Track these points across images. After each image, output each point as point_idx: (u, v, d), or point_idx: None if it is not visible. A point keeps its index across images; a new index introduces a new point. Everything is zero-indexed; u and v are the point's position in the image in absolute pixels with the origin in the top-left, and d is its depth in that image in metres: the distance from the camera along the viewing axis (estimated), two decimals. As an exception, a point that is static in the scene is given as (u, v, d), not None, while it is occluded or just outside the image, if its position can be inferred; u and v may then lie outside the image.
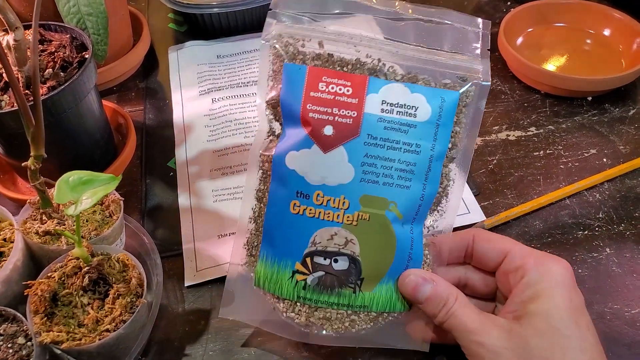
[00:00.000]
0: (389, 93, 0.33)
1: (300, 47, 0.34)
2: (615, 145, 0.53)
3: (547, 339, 0.30)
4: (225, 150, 0.53)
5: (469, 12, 0.71)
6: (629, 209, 0.47)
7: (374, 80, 0.33)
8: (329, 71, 0.33)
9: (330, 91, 0.33)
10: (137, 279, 0.37)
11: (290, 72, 0.34)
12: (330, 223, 0.34)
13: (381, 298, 0.35)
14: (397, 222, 0.34)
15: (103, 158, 0.51)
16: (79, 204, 0.32)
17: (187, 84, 0.61)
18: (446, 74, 0.35)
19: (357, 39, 0.35)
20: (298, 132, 0.34)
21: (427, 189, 0.35)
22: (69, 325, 0.35)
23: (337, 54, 0.34)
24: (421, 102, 0.33)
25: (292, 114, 0.34)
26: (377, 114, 0.33)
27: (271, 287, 0.35)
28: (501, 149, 0.53)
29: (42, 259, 0.39)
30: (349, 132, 0.33)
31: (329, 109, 0.33)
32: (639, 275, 0.42)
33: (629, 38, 0.60)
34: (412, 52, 0.35)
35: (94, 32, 0.49)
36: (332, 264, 0.34)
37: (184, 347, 0.40)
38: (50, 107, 0.42)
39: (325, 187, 0.33)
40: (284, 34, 0.35)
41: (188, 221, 0.47)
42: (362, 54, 0.34)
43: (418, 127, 0.33)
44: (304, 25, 0.35)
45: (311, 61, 0.34)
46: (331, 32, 0.35)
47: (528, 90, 0.59)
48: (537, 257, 0.33)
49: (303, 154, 0.34)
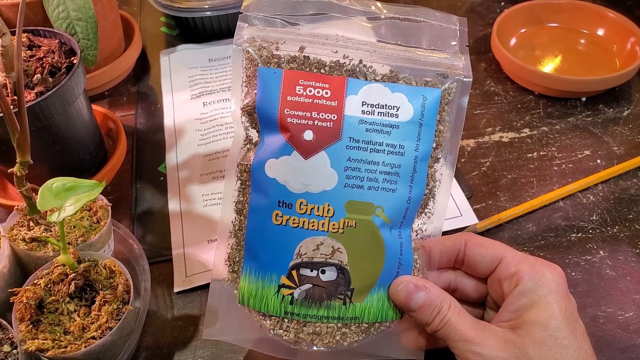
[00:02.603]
0: (369, 94, 0.32)
1: (275, 50, 0.33)
2: (609, 147, 0.52)
3: (546, 350, 0.30)
4: (216, 154, 0.53)
5: (462, 13, 0.70)
6: (622, 211, 0.47)
7: (353, 82, 0.32)
8: (306, 74, 0.32)
9: (308, 94, 0.32)
10: (124, 286, 0.36)
11: (265, 76, 0.32)
12: (315, 232, 0.32)
13: (372, 308, 0.33)
14: (384, 227, 0.33)
15: (93, 163, 0.50)
16: (62, 211, 0.32)
17: (179, 87, 0.61)
18: (426, 71, 0.34)
19: (333, 39, 0.34)
20: (276, 138, 0.32)
21: (414, 191, 0.33)
22: (54, 333, 0.34)
23: (313, 55, 0.33)
24: (403, 102, 0.32)
25: (270, 120, 0.32)
26: (358, 116, 0.32)
27: (256, 304, 0.33)
28: (494, 151, 0.52)
29: (29, 265, 0.39)
30: (329, 136, 0.32)
31: (308, 113, 0.32)
32: (632, 278, 0.42)
33: (623, 37, 0.60)
34: (390, 51, 0.34)
35: (84, 37, 0.49)
36: (319, 276, 0.33)
37: (173, 353, 0.39)
38: (38, 113, 0.42)
39: (308, 195, 0.32)
40: (257, 37, 0.33)
41: (178, 226, 0.47)
42: (340, 54, 0.33)
43: (401, 127, 0.32)
44: (277, 28, 0.34)
45: (286, 64, 0.32)
46: (307, 34, 0.34)
47: (522, 91, 0.59)
48: (531, 263, 0.33)
49: (283, 161, 0.32)
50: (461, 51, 0.34)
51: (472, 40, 0.66)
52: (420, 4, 0.71)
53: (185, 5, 0.63)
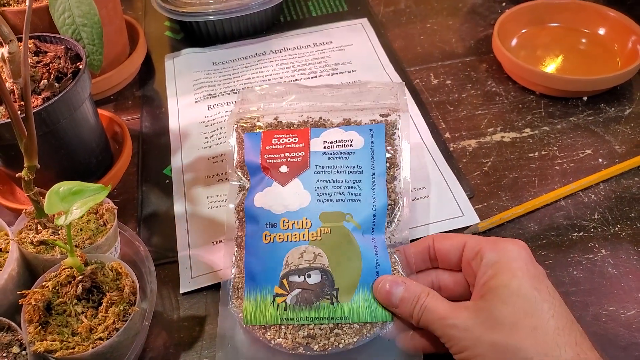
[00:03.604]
0: (328, 135, 0.42)
1: (256, 122, 0.44)
2: (611, 145, 0.52)
3: (510, 305, 0.31)
4: (221, 156, 0.53)
5: (463, 13, 0.71)
6: (624, 210, 0.47)
7: (315, 130, 0.43)
8: (279, 131, 0.43)
9: (281, 143, 0.42)
10: (130, 287, 0.37)
11: (249, 138, 0.43)
12: (298, 243, 0.38)
13: (360, 308, 0.36)
14: (356, 231, 0.38)
15: (99, 167, 0.51)
16: (69, 214, 0.32)
17: (183, 91, 0.61)
18: (372, 114, 0.44)
19: (299, 108, 0.45)
20: (260, 177, 0.41)
21: (377, 201, 0.40)
22: (62, 334, 0.35)
23: (285, 120, 0.44)
24: (355, 136, 0.42)
25: (255, 167, 0.42)
26: (320, 150, 0.41)
27: (257, 319, 0.37)
28: (496, 151, 0.53)
29: (37, 268, 0.40)
30: (300, 167, 0.41)
31: (282, 155, 0.41)
32: (634, 277, 0.42)
33: (624, 37, 0.60)
34: (344, 107, 0.44)
35: (89, 42, 0.50)
36: (306, 280, 0.37)
37: (179, 354, 0.40)
38: (45, 118, 0.42)
39: (288, 214, 0.39)
40: (243, 116, 0.45)
41: (183, 228, 0.48)
42: (305, 117, 0.44)
43: (356, 153, 0.41)
44: (258, 105, 0.46)
45: (265, 128, 0.44)
46: (280, 107, 0.45)
47: (523, 91, 0.59)
48: (493, 241, 0.35)
49: (266, 192, 0.40)
50: (399, 98, 0.44)
51: (473, 41, 0.66)
52: (424, 5, 0.72)
53: (189, 10, 0.63)
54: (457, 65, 0.63)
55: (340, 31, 0.68)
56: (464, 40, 0.66)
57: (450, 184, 0.50)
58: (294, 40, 0.67)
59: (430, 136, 0.54)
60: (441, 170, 0.51)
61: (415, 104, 0.58)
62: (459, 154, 0.53)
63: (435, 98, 0.59)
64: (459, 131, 0.55)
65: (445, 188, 0.49)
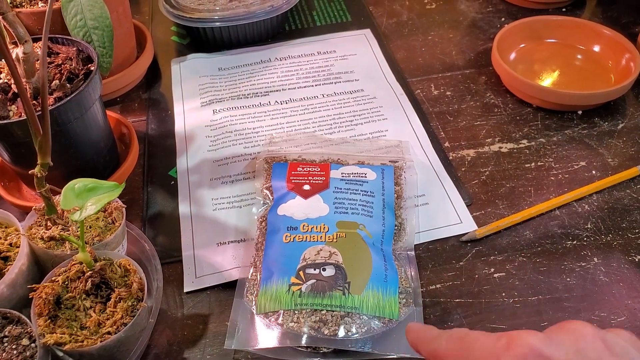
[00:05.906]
0: (345, 170, 0.49)
1: (283, 158, 0.52)
2: (604, 158, 0.54)
3: None
4: (226, 159, 0.54)
5: (464, 27, 0.73)
6: (616, 220, 0.48)
7: (334, 165, 0.50)
8: (304, 163, 0.50)
9: (304, 171, 0.49)
10: (138, 284, 0.38)
11: (277, 166, 0.50)
12: (316, 243, 0.42)
13: (369, 302, 0.39)
14: (368, 238, 0.43)
15: (106, 166, 0.52)
16: (84, 210, 0.33)
17: (189, 95, 0.63)
18: (383, 159, 0.51)
19: (319, 152, 0.53)
20: (285, 193, 0.47)
21: (387, 220, 0.45)
22: (71, 328, 0.36)
23: (308, 158, 0.51)
24: (368, 171, 0.49)
25: (281, 187, 0.48)
26: (339, 178, 0.48)
27: (271, 306, 0.39)
28: (493, 161, 0.54)
29: (47, 263, 0.41)
30: (321, 187, 0.47)
31: (306, 178, 0.48)
32: (625, 285, 0.44)
33: (618, 54, 0.62)
34: (359, 155, 0.52)
35: (100, 45, 0.51)
36: (321, 272, 0.40)
37: (183, 351, 0.41)
38: (56, 117, 0.43)
39: (308, 220, 0.44)
40: (270, 154, 0.53)
41: (188, 229, 0.49)
42: (325, 157, 0.52)
43: (369, 182, 0.48)
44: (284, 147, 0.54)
45: (291, 161, 0.51)
46: (303, 151, 0.53)
47: (520, 103, 0.61)
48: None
49: (289, 203, 0.46)
50: (404, 154, 0.53)
51: (473, 54, 0.68)
52: (425, 18, 0.74)
53: (196, 16, 0.65)
54: (457, 77, 0.65)
55: (343, 41, 0.70)
56: (464, 53, 0.68)
57: (449, 192, 0.51)
58: (299, 49, 0.69)
59: (430, 145, 0.56)
60: (440, 178, 0.52)
61: (416, 113, 0.59)
62: (457, 163, 0.54)
63: (436, 108, 0.61)
64: (458, 141, 0.57)
65: (444, 196, 0.51)
